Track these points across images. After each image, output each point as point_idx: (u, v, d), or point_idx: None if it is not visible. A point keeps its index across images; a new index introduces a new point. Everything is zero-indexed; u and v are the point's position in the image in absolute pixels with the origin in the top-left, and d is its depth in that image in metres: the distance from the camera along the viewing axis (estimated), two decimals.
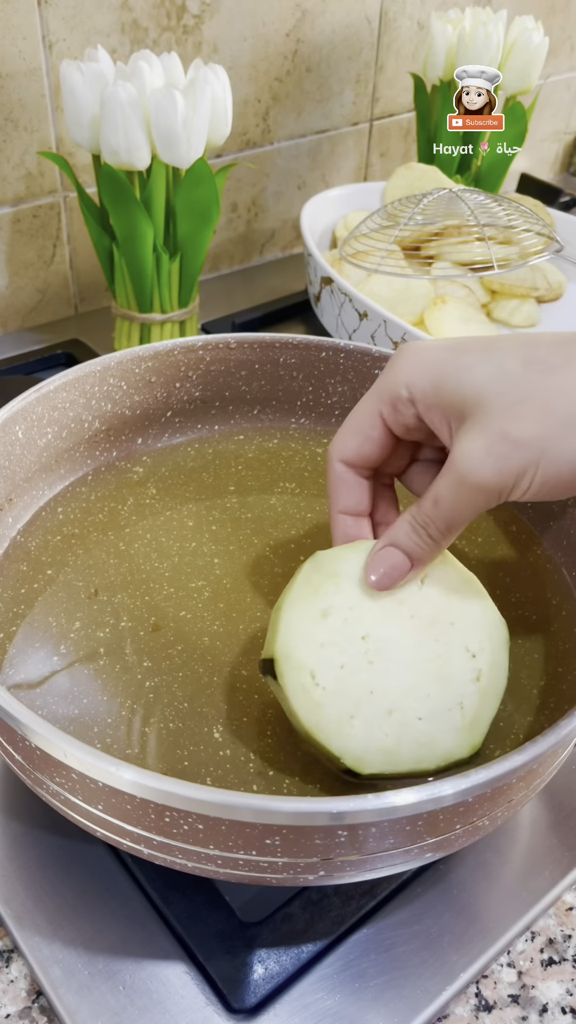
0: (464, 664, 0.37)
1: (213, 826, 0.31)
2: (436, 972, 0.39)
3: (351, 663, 0.36)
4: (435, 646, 0.37)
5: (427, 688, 0.36)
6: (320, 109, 0.95)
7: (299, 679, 0.36)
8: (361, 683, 0.36)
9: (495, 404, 0.32)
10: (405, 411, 0.36)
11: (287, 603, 0.38)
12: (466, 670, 0.37)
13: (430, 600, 0.38)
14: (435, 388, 0.34)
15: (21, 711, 0.32)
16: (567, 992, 0.40)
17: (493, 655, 0.37)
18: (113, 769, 0.30)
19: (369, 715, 0.36)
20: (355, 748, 0.35)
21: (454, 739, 0.36)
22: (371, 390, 0.37)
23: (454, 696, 0.36)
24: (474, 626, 0.38)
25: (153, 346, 0.53)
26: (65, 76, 0.63)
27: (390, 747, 0.35)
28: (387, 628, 0.37)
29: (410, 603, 0.38)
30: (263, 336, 0.55)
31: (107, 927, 0.39)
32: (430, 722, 0.36)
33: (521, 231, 0.78)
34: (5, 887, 0.41)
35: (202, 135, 0.63)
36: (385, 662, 0.37)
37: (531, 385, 0.32)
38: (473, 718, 0.36)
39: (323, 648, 0.36)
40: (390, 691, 0.36)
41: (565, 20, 1.15)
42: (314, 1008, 0.37)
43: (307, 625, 0.37)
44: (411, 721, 0.36)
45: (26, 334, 0.84)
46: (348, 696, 0.36)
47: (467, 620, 0.38)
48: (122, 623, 0.44)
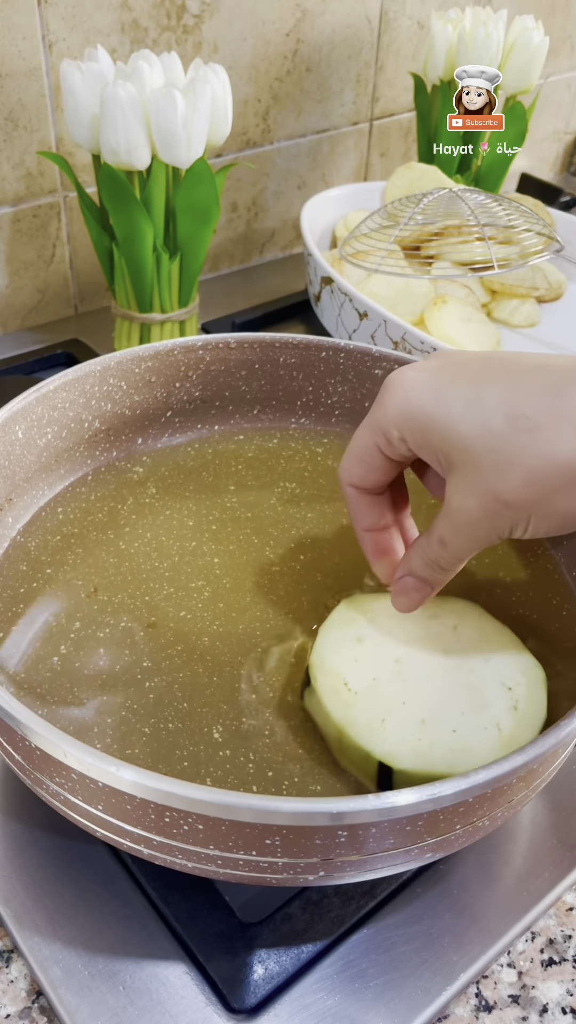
0: (500, 694, 0.37)
1: (213, 826, 0.31)
2: (436, 972, 0.39)
3: (384, 677, 0.38)
4: (470, 677, 0.38)
5: (462, 708, 0.37)
6: (320, 109, 0.95)
7: (332, 683, 0.37)
8: (394, 693, 0.37)
9: (482, 464, 0.32)
10: (399, 446, 0.36)
11: (322, 630, 0.40)
12: (502, 699, 0.37)
13: (464, 641, 0.39)
14: (423, 435, 0.34)
15: (21, 711, 0.32)
16: (567, 992, 0.40)
17: (529, 689, 0.38)
18: (113, 769, 0.30)
19: (402, 720, 0.36)
20: (386, 744, 0.35)
21: (490, 751, 0.35)
22: (366, 421, 0.37)
23: (491, 718, 0.36)
24: (508, 665, 0.39)
25: (153, 346, 0.53)
26: (65, 76, 0.63)
27: (423, 749, 0.35)
28: (421, 656, 0.39)
29: (445, 640, 0.39)
30: (263, 336, 0.55)
31: (107, 927, 0.39)
32: (464, 734, 0.36)
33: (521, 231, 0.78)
34: (5, 887, 0.41)
35: (202, 135, 0.63)
36: (419, 680, 0.38)
37: (516, 447, 0.32)
38: (511, 737, 0.36)
39: (356, 663, 0.38)
40: (424, 704, 0.36)
41: (565, 20, 1.15)
42: (314, 1008, 0.37)
43: (341, 644, 0.39)
44: (445, 731, 0.36)
45: (26, 334, 0.84)
46: (380, 701, 0.37)
47: (501, 659, 0.39)
48: (122, 623, 0.44)
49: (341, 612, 0.41)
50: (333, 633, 0.40)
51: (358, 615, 0.40)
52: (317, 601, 0.45)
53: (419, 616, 0.40)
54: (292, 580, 0.47)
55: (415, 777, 0.35)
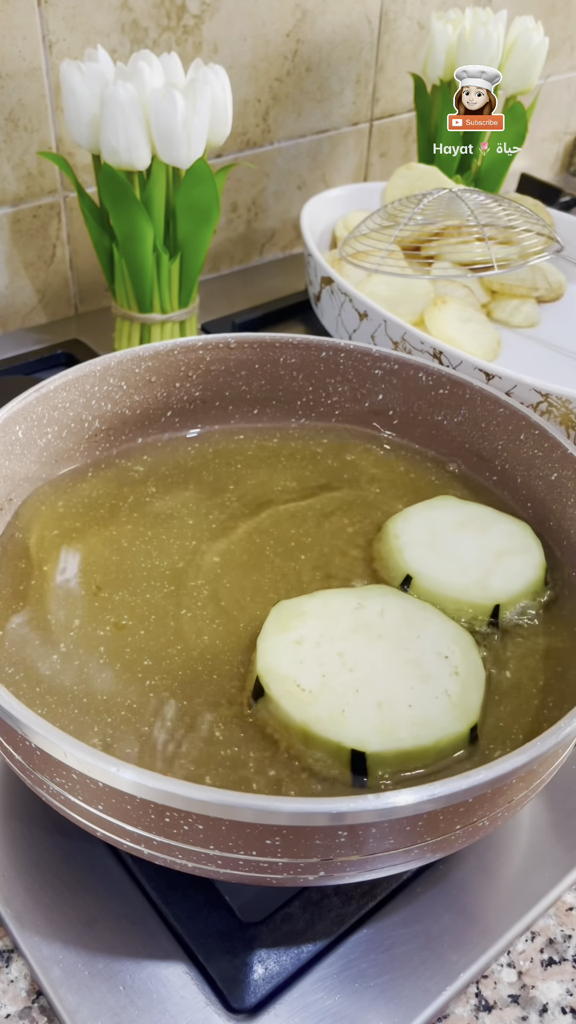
0: (439, 664, 0.40)
1: (213, 826, 0.31)
2: (436, 972, 0.39)
3: (332, 671, 0.39)
4: (407, 654, 0.40)
5: (410, 683, 0.39)
6: (320, 109, 0.95)
7: (284, 687, 0.39)
8: (345, 684, 0.38)
9: None
10: None
11: (260, 639, 0.41)
12: (442, 668, 0.40)
13: (393, 624, 0.42)
14: None
15: (21, 711, 0.32)
16: (567, 992, 0.40)
17: (464, 654, 0.40)
18: (113, 769, 0.30)
19: (359, 707, 0.37)
20: (352, 731, 0.37)
21: (448, 716, 0.38)
22: None
23: (438, 687, 0.39)
24: (439, 636, 0.41)
25: (153, 346, 0.53)
26: (65, 76, 0.63)
27: (387, 729, 0.37)
28: (359, 646, 0.40)
29: (376, 627, 0.41)
30: (263, 336, 0.55)
31: (107, 927, 0.39)
32: (420, 707, 0.38)
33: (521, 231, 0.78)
34: (5, 887, 0.41)
35: (202, 135, 0.63)
36: (365, 669, 0.39)
37: None
38: (460, 699, 0.38)
39: (302, 664, 0.39)
40: (376, 689, 0.38)
41: (565, 20, 1.15)
42: (314, 1008, 0.37)
43: (283, 650, 0.40)
44: (402, 708, 0.38)
45: (26, 334, 0.84)
46: (335, 694, 0.38)
47: (431, 632, 0.41)
48: (122, 621, 0.44)
49: (274, 620, 0.42)
50: (272, 640, 0.41)
51: (290, 619, 0.42)
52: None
53: (345, 609, 0.42)
54: (292, 579, 0.47)
55: (387, 757, 0.36)
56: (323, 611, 0.42)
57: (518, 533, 0.48)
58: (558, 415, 0.61)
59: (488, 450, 0.53)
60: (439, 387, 0.54)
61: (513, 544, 0.47)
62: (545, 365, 0.79)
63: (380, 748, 0.36)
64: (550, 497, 0.49)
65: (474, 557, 0.46)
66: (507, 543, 0.47)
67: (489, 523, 0.49)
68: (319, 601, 0.43)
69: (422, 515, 0.49)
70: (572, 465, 0.47)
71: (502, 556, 0.46)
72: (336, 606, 0.42)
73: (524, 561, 0.46)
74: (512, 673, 0.42)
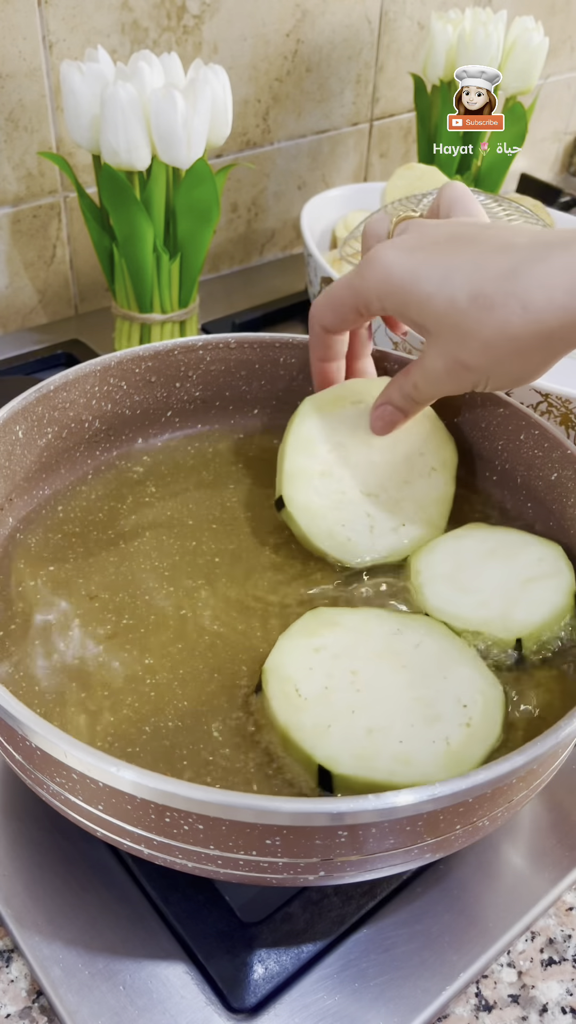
0: (454, 710, 0.37)
1: (213, 826, 0.31)
2: (436, 972, 0.39)
3: (337, 686, 0.38)
4: (425, 692, 0.38)
5: (413, 720, 0.37)
6: (320, 109, 0.95)
7: (283, 688, 0.38)
8: (344, 702, 0.37)
9: (449, 335, 0.39)
10: (376, 311, 0.43)
11: (282, 637, 0.40)
12: (456, 715, 0.37)
13: (424, 658, 0.40)
14: (403, 308, 0.41)
15: (21, 711, 0.32)
16: (567, 992, 0.40)
17: (485, 708, 0.38)
18: (113, 769, 0.30)
19: (347, 728, 0.36)
20: (328, 749, 0.36)
21: (437, 763, 0.35)
22: (347, 283, 0.43)
23: (440, 732, 0.36)
24: (467, 682, 0.39)
25: (153, 346, 0.53)
26: (65, 76, 0.63)
27: (366, 756, 0.35)
28: (378, 670, 0.39)
29: (405, 656, 0.40)
30: (263, 336, 0.55)
31: (107, 927, 0.39)
32: (411, 745, 0.36)
33: None
34: (5, 887, 0.41)
35: (202, 135, 0.63)
36: (372, 692, 0.38)
37: (475, 322, 0.38)
38: (460, 751, 0.36)
39: (311, 671, 0.39)
40: (374, 715, 0.37)
41: (565, 20, 1.16)
42: (314, 1008, 0.37)
43: (298, 652, 0.39)
44: (391, 742, 0.36)
45: (26, 334, 0.84)
46: (329, 709, 0.37)
47: (460, 677, 0.39)
48: (122, 621, 0.44)
49: (304, 622, 0.41)
50: (292, 641, 0.40)
51: (321, 627, 0.41)
52: (317, 600, 0.45)
53: (383, 632, 0.41)
54: (292, 579, 0.47)
55: (354, 783, 0.35)
56: (358, 627, 0.41)
57: (549, 557, 0.45)
58: (558, 415, 0.61)
59: (488, 450, 0.53)
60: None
61: (543, 569, 0.44)
62: None
63: (349, 772, 0.35)
64: (550, 497, 0.49)
65: (498, 587, 0.44)
66: (536, 569, 0.45)
67: (518, 549, 0.46)
68: (359, 617, 0.42)
69: (448, 546, 0.47)
70: (572, 465, 0.47)
71: (529, 584, 0.44)
72: (373, 626, 0.41)
73: (552, 586, 0.43)
74: (528, 704, 0.41)
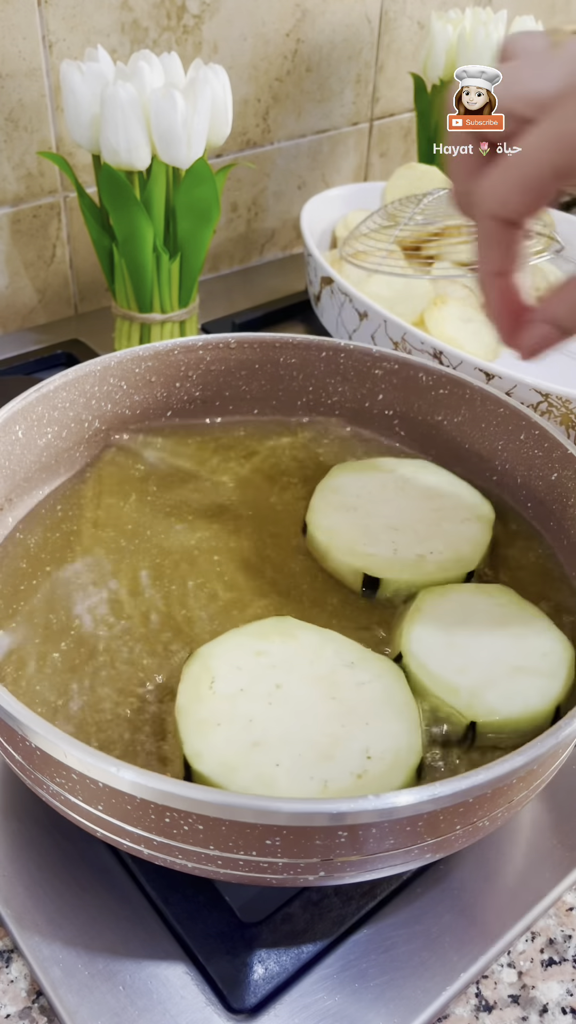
0: (354, 758, 0.35)
1: (213, 826, 0.31)
2: (436, 972, 0.39)
3: (253, 693, 0.37)
4: (338, 730, 0.36)
5: (304, 751, 0.36)
6: (320, 109, 0.95)
7: (199, 675, 0.38)
8: (248, 710, 0.37)
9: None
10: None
11: (234, 631, 0.40)
12: (352, 763, 0.35)
13: (360, 698, 0.38)
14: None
15: (21, 711, 0.32)
16: (567, 992, 0.40)
17: (390, 769, 0.35)
18: (113, 769, 0.30)
19: (234, 733, 0.36)
20: (200, 744, 0.35)
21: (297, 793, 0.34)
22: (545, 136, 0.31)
23: (324, 773, 0.35)
24: (387, 738, 0.36)
25: (153, 346, 0.53)
26: (65, 76, 0.63)
27: (232, 765, 0.35)
28: (305, 693, 0.38)
29: (342, 689, 0.38)
30: (263, 336, 0.55)
31: (107, 927, 0.39)
32: (284, 771, 0.35)
33: None
34: (5, 887, 0.41)
35: (202, 135, 0.63)
36: (281, 710, 0.37)
37: None
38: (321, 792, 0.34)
39: (238, 670, 0.38)
40: (267, 731, 0.36)
41: (565, 20, 1.15)
42: (314, 1008, 0.37)
43: (239, 650, 0.39)
44: (267, 762, 0.35)
45: (26, 334, 0.84)
46: (229, 711, 0.37)
47: (384, 731, 0.37)
48: (122, 620, 0.44)
49: (262, 625, 0.41)
50: (239, 638, 0.40)
51: (276, 634, 0.40)
52: (318, 600, 0.45)
53: (334, 660, 0.39)
54: (293, 578, 0.47)
55: (208, 781, 0.35)
56: (312, 646, 0.40)
57: (555, 654, 0.41)
58: (558, 415, 0.61)
59: (488, 450, 0.53)
60: (439, 387, 0.54)
61: (541, 665, 0.40)
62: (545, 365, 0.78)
63: (207, 773, 0.34)
64: (550, 497, 0.49)
65: (486, 660, 0.40)
66: (534, 661, 0.40)
67: (531, 631, 0.42)
68: (318, 638, 0.40)
69: (464, 596, 0.44)
70: (572, 465, 0.47)
71: (517, 672, 0.40)
72: (328, 651, 0.40)
73: (538, 686, 0.39)
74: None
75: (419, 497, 0.50)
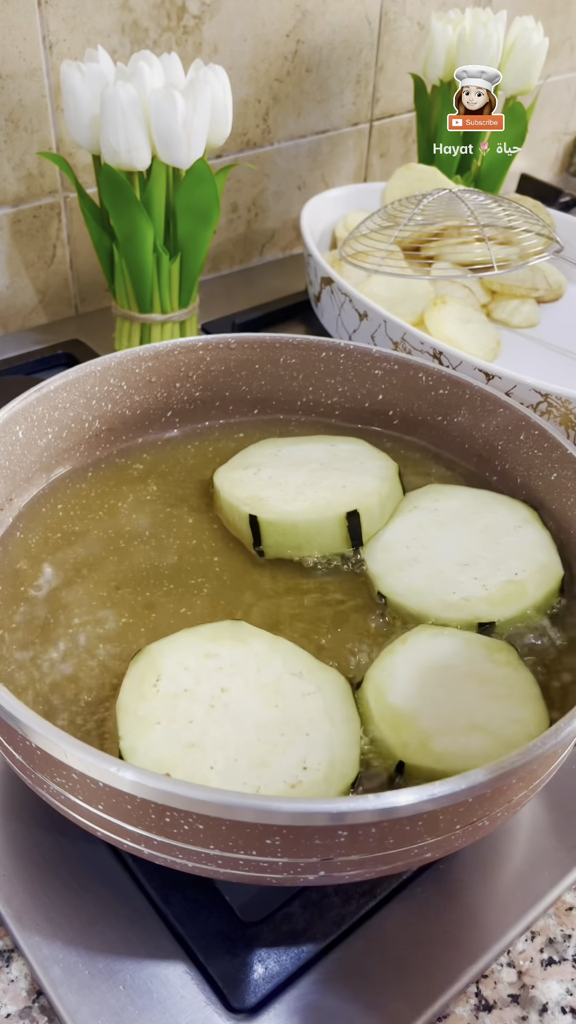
0: (290, 768, 0.35)
1: (213, 826, 0.31)
2: (436, 972, 0.39)
3: (196, 695, 0.37)
4: (277, 739, 0.37)
5: (239, 756, 0.36)
6: (320, 109, 0.95)
7: (144, 674, 0.38)
8: (189, 711, 0.37)
9: None
10: None
11: (186, 631, 0.40)
12: (287, 772, 0.35)
13: (303, 709, 0.38)
14: None
15: (21, 711, 0.32)
16: (567, 992, 0.40)
17: (324, 782, 0.35)
18: (114, 769, 0.30)
19: (173, 732, 0.36)
20: (136, 739, 0.36)
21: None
22: None
23: (257, 779, 0.35)
24: (324, 749, 0.36)
25: (153, 346, 0.53)
26: (65, 76, 0.63)
27: (166, 764, 0.35)
28: (249, 698, 0.38)
29: (286, 698, 0.38)
30: (263, 336, 0.55)
31: (107, 927, 0.39)
32: (218, 774, 0.35)
33: (521, 232, 0.78)
34: (5, 887, 0.41)
35: (202, 135, 0.63)
36: (223, 714, 0.37)
37: None
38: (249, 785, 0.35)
39: (185, 671, 0.38)
40: (206, 735, 0.36)
41: (565, 20, 1.15)
42: (314, 1008, 0.37)
43: (188, 650, 0.39)
44: (202, 763, 0.35)
45: (26, 334, 0.84)
46: (170, 711, 0.37)
47: (322, 742, 0.37)
48: (122, 620, 0.44)
49: (216, 628, 0.41)
50: (191, 638, 0.40)
51: (229, 638, 0.40)
52: (318, 599, 0.45)
53: (282, 669, 0.39)
54: (292, 578, 0.47)
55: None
56: (262, 653, 0.40)
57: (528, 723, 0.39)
58: (558, 415, 0.61)
59: (488, 450, 0.53)
60: (439, 387, 0.54)
61: (503, 732, 0.38)
62: (545, 365, 0.79)
63: (139, 765, 0.34)
64: (550, 497, 0.49)
65: (449, 710, 0.39)
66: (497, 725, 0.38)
67: (511, 696, 0.40)
68: (269, 645, 0.40)
69: (455, 645, 0.42)
70: (572, 465, 0.47)
71: (473, 731, 0.38)
72: (277, 659, 0.40)
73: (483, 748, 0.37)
74: None
75: (460, 523, 0.48)
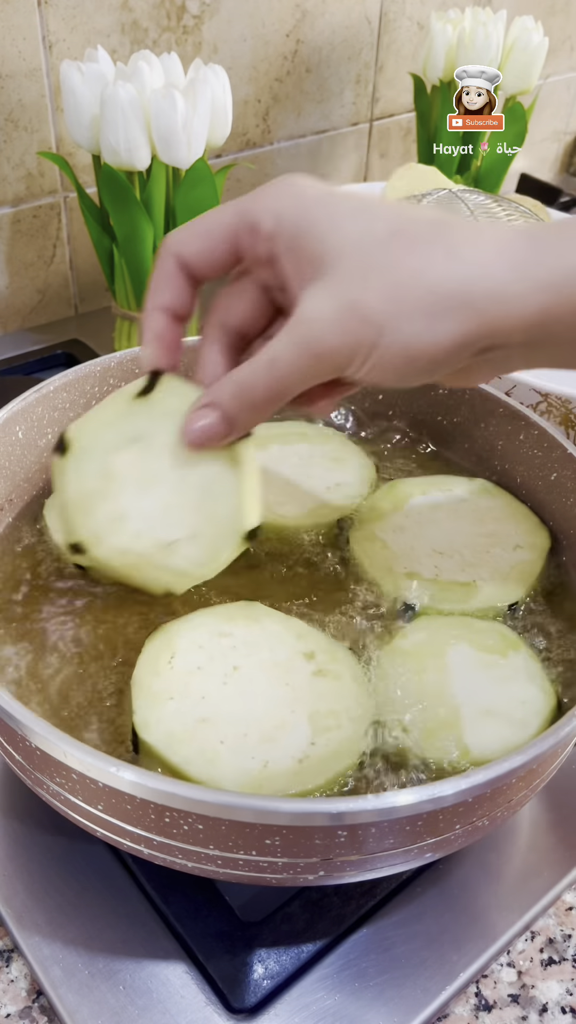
0: (299, 743, 0.36)
1: (213, 826, 0.31)
2: (436, 972, 0.39)
3: (210, 672, 0.38)
4: (287, 716, 0.37)
5: (250, 731, 0.36)
6: (320, 109, 0.95)
7: (158, 652, 0.38)
8: (202, 689, 0.37)
9: (352, 268, 0.31)
10: (260, 243, 0.33)
11: (201, 611, 0.40)
12: (296, 748, 0.36)
13: (314, 687, 0.38)
14: (298, 234, 0.32)
15: (21, 711, 0.32)
16: (567, 992, 0.40)
17: (332, 757, 0.36)
18: (113, 769, 0.30)
19: (185, 708, 0.36)
20: (148, 714, 0.36)
21: (233, 776, 0.34)
22: (234, 203, 0.34)
23: (265, 753, 0.35)
24: (333, 728, 0.37)
25: None
26: (65, 76, 0.63)
27: (179, 738, 0.35)
28: (261, 677, 0.38)
29: (297, 676, 0.38)
30: None
31: (107, 927, 0.39)
32: (226, 748, 0.35)
33: None
34: (5, 887, 0.41)
35: (202, 135, 0.63)
36: (235, 690, 0.37)
37: (390, 256, 0.31)
38: (265, 780, 0.35)
39: (200, 649, 0.39)
40: (218, 709, 0.37)
41: (565, 20, 1.15)
42: (314, 1008, 0.37)
43: (202, 629, 0.40)
44: (211, 738, 0.35)
45: (26, 334, 0.84)
46: (182, 687, 0.37)
47: (331, 721, 0.37)
48: (121, 619, 0.44)
49: (230, 609, 0.41)
50: (205, 618, 0.40)
51: (243, 618, 0.40)
52: (319, 598, 0.45)
53: (295, 647, 0.39)
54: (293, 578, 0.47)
55: (156, 757, 0.35)
56: (275, 633, 0.40)
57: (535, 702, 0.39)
58: (558, 415, 0.61)
59: (488, 450, 0.53)
60: (439, 387, 0.54)
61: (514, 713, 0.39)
62: None
63: (152, 743, 0.35)
64: (550, 497, 0.49)
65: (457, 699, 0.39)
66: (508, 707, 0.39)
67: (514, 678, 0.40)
68: (282, 626, 0.40)
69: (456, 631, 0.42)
70: (572, 465, 0.47)
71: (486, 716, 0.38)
72: (291, 637, 0.40)
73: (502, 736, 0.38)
74: None
75: (471, 520, 0.49)
